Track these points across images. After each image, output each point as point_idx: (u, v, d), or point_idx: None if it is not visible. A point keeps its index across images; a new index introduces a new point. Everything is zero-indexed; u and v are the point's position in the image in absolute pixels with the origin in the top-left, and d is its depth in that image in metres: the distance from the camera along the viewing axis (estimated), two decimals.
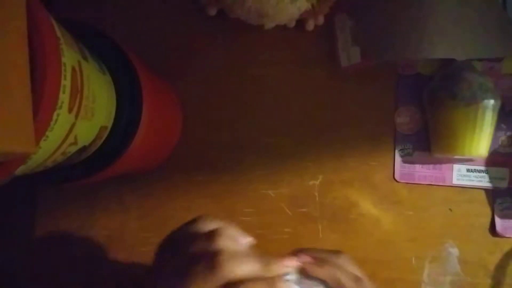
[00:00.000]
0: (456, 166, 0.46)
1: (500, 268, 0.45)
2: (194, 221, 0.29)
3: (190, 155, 0.47)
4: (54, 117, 0.24)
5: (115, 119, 0.33)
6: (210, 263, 0.25)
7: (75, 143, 0.28)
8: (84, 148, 0.31)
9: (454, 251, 0.45)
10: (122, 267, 0.46)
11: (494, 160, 0.46)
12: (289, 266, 0.30)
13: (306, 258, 0.31)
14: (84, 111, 0.27)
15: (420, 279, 0.45)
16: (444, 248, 0.45)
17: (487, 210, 0.46)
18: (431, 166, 0.46)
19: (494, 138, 0.45)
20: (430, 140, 0.46)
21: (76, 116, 0.26)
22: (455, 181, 0.46)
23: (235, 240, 0.27)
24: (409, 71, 0.46)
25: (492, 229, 0.45)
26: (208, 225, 0.29)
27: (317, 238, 0.46)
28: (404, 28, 0.42)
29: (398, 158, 0.46)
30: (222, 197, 0.47)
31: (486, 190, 0.46)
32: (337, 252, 0.34)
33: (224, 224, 0.29)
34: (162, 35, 0.47)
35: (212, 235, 0.27)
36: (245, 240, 0.28)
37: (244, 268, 0.25)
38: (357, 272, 0.33)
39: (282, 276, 0.28)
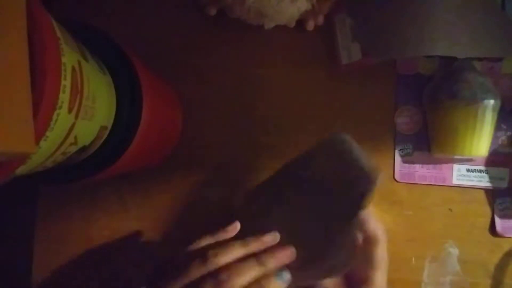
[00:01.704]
0: (456, 166, 0.46)
1: (500, 268, 0.45)
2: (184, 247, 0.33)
3: (190, 155, 0.47)
4: (54, 117, 0.24)
5: (115, 119, 0.33)
6: (215, 281, 0.29)
7: (75, 143, 0.28)
8: (84, 148, 0.31)
9: (454, 251, 0.45)
10: (122, 267, 0.46)
11: (494, 160, 0.46)
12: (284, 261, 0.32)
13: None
14: (84, 111, 0.27)
15: (420, 279, 0.45)
16: (444, 248, 0.45)
17: (487, 210, 0.46)
18: (431, 166, 0.46)
19: (494, 138, 0.45)
20: (430, 140, 0.46)
21: (76, 116, 0.26)
22: (455, 181, 0.46)
23: (227, 250, 0.31)
24: (409, 71, 0.46)
25: (492, 229, 0.45)
26: (200, 244, 0.33)
27: None
28: (404, 26, 0.42)
29: (398, 158, 0.46)
30: (222, 197, 0.47)
31: (486, 190, 0.46)
32: None
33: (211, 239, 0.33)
34: (162, 35, 0.47)
35: (206, 256, 0.31)
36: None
37: (245, 277, 0.30)
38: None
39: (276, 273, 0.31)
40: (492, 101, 0.42)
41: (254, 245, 0.33)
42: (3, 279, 0.47)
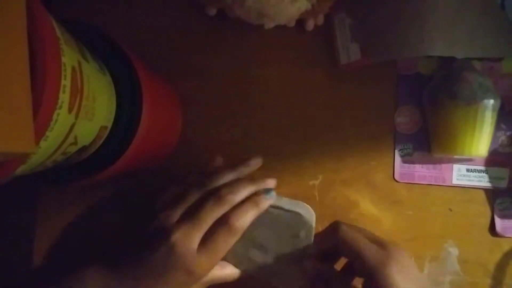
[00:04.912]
0: (456, 166, 0.46)
1: (500, 267, 0.45)
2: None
3: (190, 155, 0.47)
4: (54, 117, 0.24)
5: (115, 119, 0.33)
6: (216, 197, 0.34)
7: (75, 143, 0.28)
8: (84, 148, 0.31)
9: (454, 250, 0.45)
10: None
11: (494, 160, 0.46)
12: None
13: None
14: (84, 111, 0.27)
15: None
16: (444, 248, 0.45)
17: (487, 210, 0.46)
18: (431, 166, 0.46)
19: (494, 138, 0.45)
20: (430, 140, 0.46)
21: (76, 116, 0.27)
22: (454, 181, 0.46)
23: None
24: (409, 70, 0.46)
25: (492, 229, 0.45)
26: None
27: None
28: (403, 26, 0.42)
29: (398, 158, 0.46)
30: None
31: (485, 190, 0.46)
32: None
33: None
34: (162, 35, 0.47)
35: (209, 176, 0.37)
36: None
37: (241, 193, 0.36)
38: None
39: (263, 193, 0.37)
40: (492, 101, 0.42)
41: (242, 169, 0.39)
42: (3, 279, 0.47)
